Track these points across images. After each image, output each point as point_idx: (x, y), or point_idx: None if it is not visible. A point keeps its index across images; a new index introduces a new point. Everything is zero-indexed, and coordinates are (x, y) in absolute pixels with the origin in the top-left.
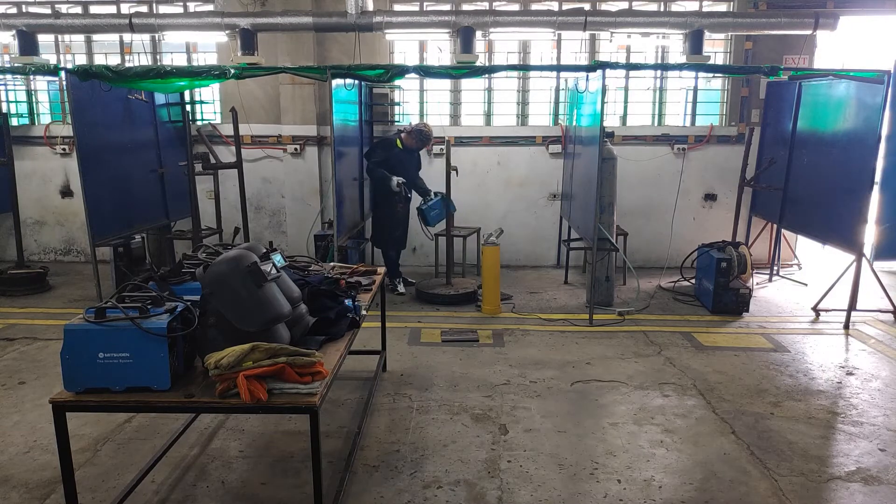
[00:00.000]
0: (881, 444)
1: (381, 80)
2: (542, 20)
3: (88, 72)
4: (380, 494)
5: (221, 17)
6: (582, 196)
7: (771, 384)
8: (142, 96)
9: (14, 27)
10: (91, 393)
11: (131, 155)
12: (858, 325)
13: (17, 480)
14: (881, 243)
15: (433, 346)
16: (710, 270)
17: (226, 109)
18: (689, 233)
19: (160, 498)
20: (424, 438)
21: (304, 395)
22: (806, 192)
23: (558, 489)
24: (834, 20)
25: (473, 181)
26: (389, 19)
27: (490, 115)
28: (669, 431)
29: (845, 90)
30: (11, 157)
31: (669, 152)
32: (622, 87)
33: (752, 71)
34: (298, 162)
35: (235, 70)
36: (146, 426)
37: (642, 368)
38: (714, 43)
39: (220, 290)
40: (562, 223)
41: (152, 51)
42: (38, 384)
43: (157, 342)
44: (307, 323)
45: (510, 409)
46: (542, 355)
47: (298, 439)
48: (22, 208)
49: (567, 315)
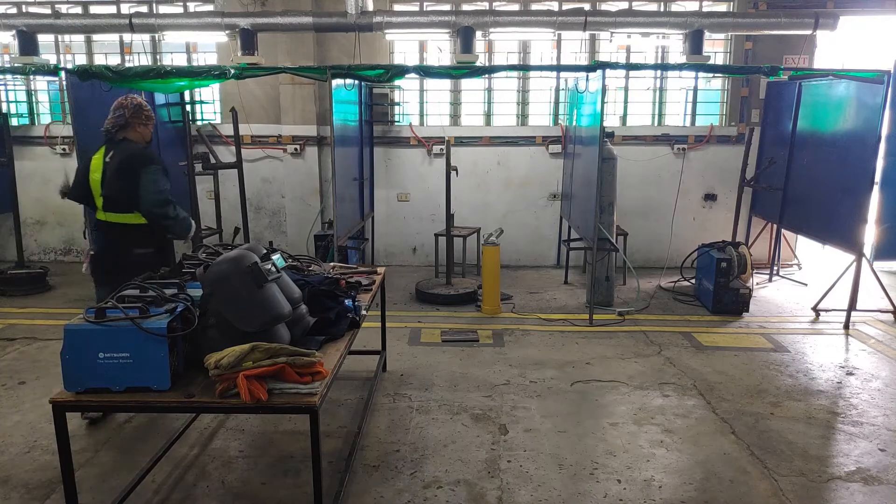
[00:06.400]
0: (881, 444)
1: (381, 80)
2: (542, 20)
3: (88, 72)
4: (380, 494)
5: (221, 17)
6: (582, 196)
7: (771, 384)
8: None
9: (14, 27)
10: (91, 393)
11: None
12: (858, 325)
13: (18, 480)
14: (881, 243)
15: (433, 346)
16: (710, 270)
17: (226, 109)
18: (689, 233)
19: (160, 498)
20: (424, 438)
21: (304, 395)
22: (806, 192)
23: (558, 489)
24: (834, 20)
25: (473, 181)
26: (389, 19)
27: (490, 115)
28: (669, 431)
29: (845, 90)
30: (11, 157)
31: (669, 152)
32: (622, 87)
33: (752, 71)
34: (298, 162)
35: (235, 70)
36: (146, 426)
37: (642, 368)
38: (714, 43)
39: (221, 290)
40: (562, 223)
41: (152, 51)
42: (38, 384)
43: (157, 342)
44: (307, 323)
45: (510, 409)
46: (542, 355)
47: (298, 439)
48: (22, 208)
49: (567, 315)
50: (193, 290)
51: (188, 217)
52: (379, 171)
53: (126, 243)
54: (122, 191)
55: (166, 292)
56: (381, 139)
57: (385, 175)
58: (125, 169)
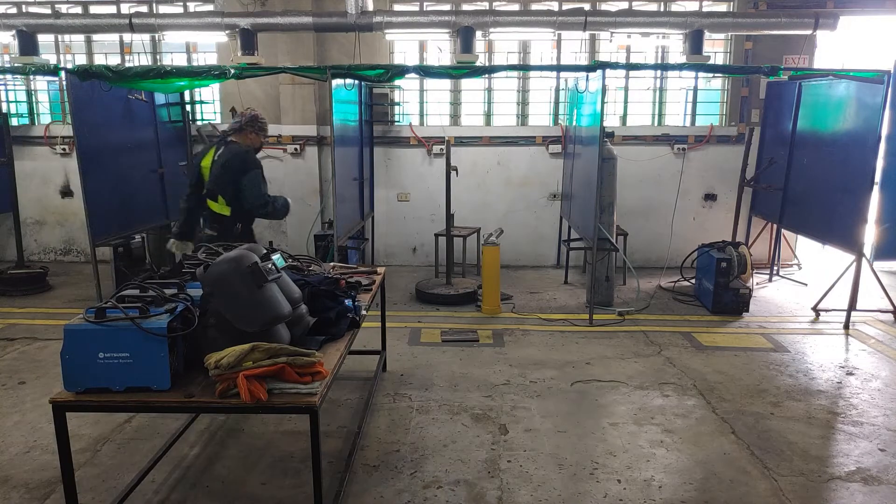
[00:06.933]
0: (881, 444)
1: (381, 80)
2: (542, 20)
3: (88, 72)
4: (380, 494)
5: (221, 17)
6: (582, 196)
7: (771, 384)
8: (142, 96)
9: (14, 27)
10: (91, 393)
11: (131, 155)
12: (858, 325)
13: (18, 480)
14: (881, 243)
15: (433, 346)
16: (710, 270)
17: (226, 109)
18: (689, 233)
19: (160, 498)
20: (424, 438)
21: (304, 395)
22: (806, 192)
23: (558, 489)
24: (834, 20)
25: (473, 181)
26: (389, 19)
27: (490, 115)
28: (669, 431)
29: (845, 90)
30: (11, 157)
31: (669, 152)
32: (622, 87)
33: (752, 71)
34: (298, 162)
35: (235, 70)
36: (146, 426)
37: (642, 368)
38: (714, 43)
39: (221, 290)
40: (562, 223)
41: (152, 51)
42: (38, 384)
43: (157, 342)
44: (307, 323)
45: (510, 409)
46: (542, 355)
47: (298, 439)
48: (22, 208)
49: (567, 315)
50: (193, 290)
51: (284, 201)
52: (379, 171)
53: (220, 228)
54: (221, 185)
55: (166, 292)
56: (381, 139)
57: (385, 175)
58: (227, 167)
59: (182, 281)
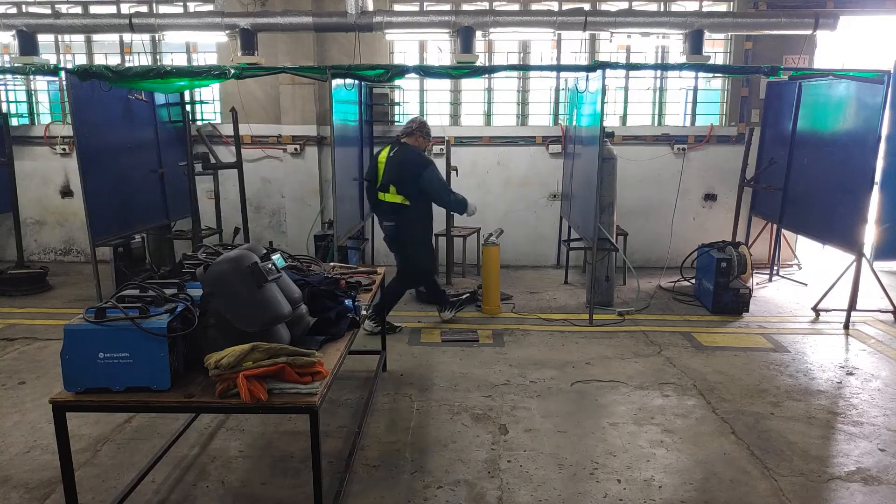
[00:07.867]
0: (881, 444)
1: (381, 80)
2: (541, 20)
3: (88, 72)
4: (380, 494)
5: (221, 17)
6: (582, 196)
7: (771, 384)
8: (142, 96)
9: (14, 27)
10: (91, 393)
11: (131, 155)
12: (858, 325)
13: (17, 480)
14: (881, 243)
15: (433, 346)
16: (710, 270)
17: (226, 109)
18: (689, 233)
19: (160, 498)
20: (424, 438)
21: (304, 395)
22: (806, 192)
23: (558, 489)
24: (834, 20)
25: (473, 181)
26: (389, 19)
27: (490, 115)
28: (669, 431)
29: (845, 90)
30: (11, 157)
31: (669, 152)
32: (622, 87)
33: (752, 71)
34: (298, 162)
35: (235, 70)
36: (146, 426)
37: (642, 368)
38: (714, 43)
39: (221, 290)
40: (562, 223)
41: (152, 51)
42: (38, 384)
43: (157, 342)
44: (307, 323)
45: (510, 408)
46: (542, 355)
47: (298, 439)
48: (22, 208)
49: (567, 315)
50: (193, 290)
51: (463, 198)
52: None
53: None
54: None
55: (166, 292)
56: (381, 139)
57: None
58: (405, 164)
59: (182, 281)
